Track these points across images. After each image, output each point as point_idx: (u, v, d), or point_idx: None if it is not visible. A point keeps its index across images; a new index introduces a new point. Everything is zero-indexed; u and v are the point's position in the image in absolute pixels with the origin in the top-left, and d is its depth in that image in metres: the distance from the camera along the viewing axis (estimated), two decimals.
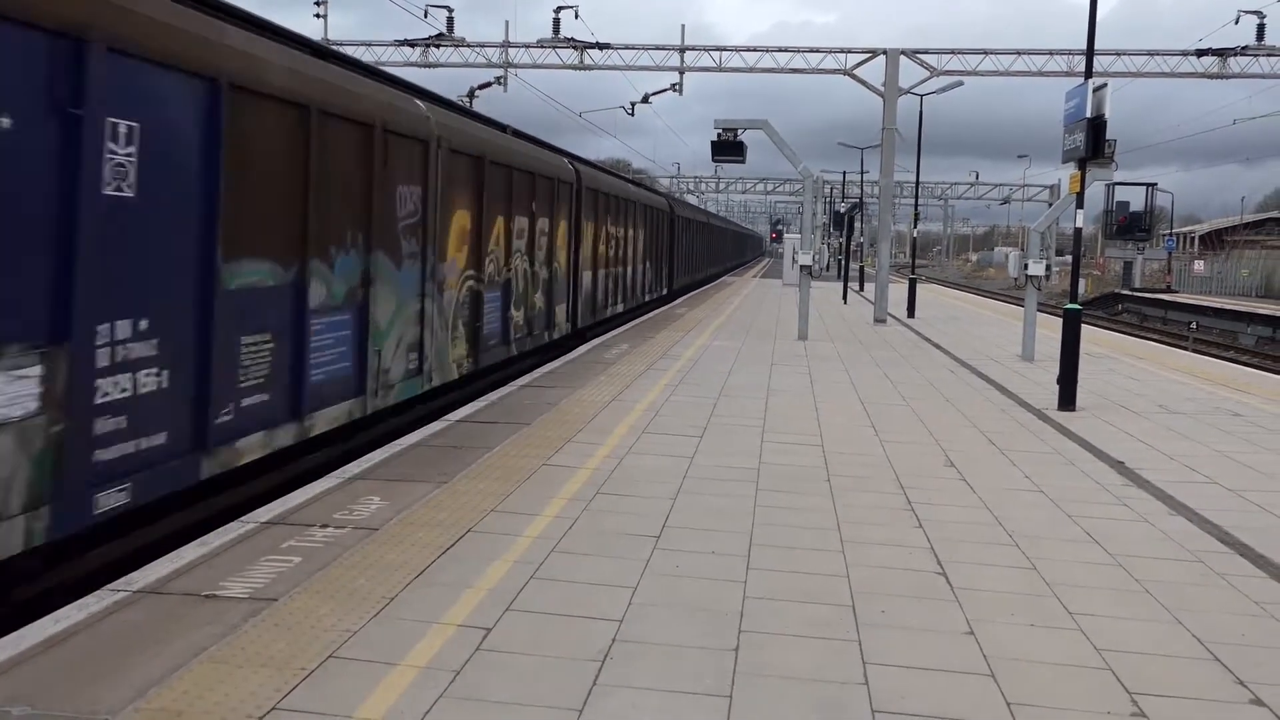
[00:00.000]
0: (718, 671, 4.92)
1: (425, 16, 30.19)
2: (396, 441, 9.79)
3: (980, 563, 6.76)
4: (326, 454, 9.35)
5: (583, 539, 6.92)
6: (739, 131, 22.03)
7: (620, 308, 24.95)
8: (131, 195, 6.31)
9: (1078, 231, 14.63)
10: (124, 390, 6.32)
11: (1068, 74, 30.53)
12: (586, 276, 20.44)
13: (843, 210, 51.88)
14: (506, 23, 33.03)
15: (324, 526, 6.90)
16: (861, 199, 55.00)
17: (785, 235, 59.87)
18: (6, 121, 5.35)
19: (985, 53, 31.20)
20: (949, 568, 6.62)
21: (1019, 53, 31.40)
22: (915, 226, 36.79)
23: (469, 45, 32.43)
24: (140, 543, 6.96)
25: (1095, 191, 55.20)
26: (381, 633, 5.19)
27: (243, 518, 7.06)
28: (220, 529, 6.81)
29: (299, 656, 4.85)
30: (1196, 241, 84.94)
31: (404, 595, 5.72)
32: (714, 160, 23.07)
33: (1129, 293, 58.16)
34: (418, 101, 11.39)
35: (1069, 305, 14.20)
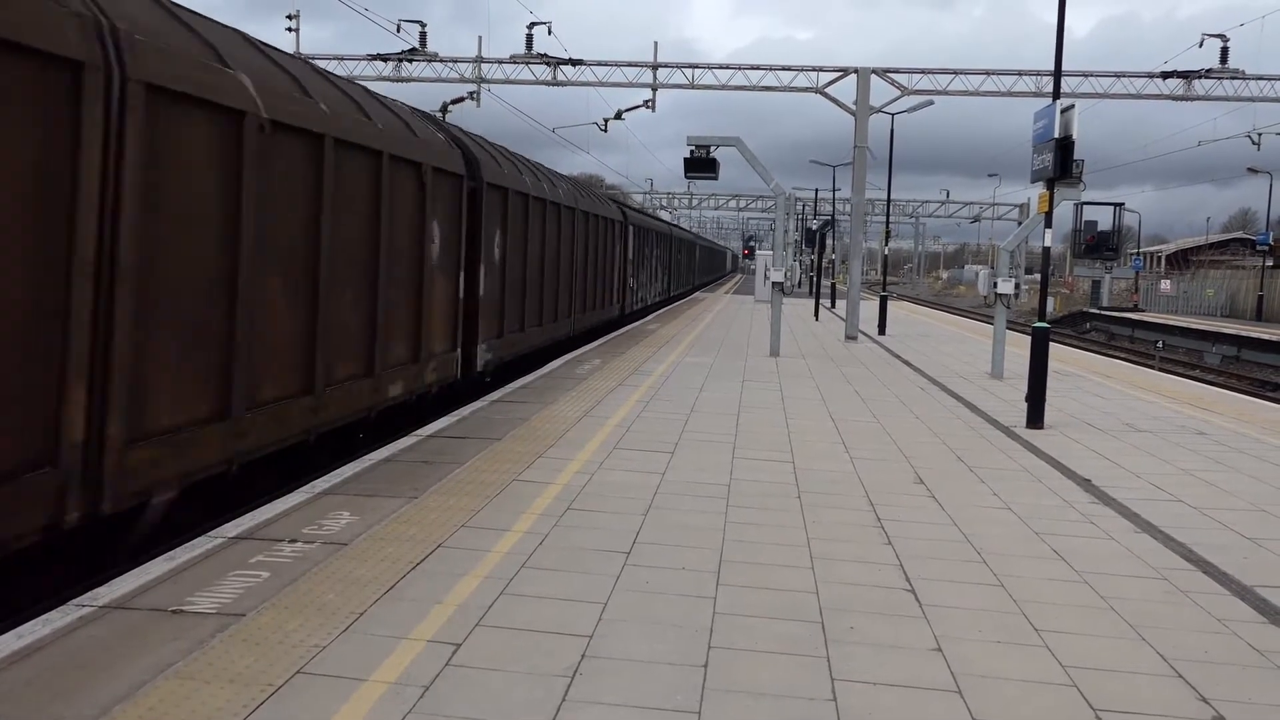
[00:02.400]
0: (687, 688, 4.93)
1: (398, 31, 30.23)
2: (367, 456, 9.75)
3: (948, 580, 6.81)
4: None
5: (553, 555, 6.91)
6: (712, 148, 22.13)
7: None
8: None
9: (1046, 250, 14.77)
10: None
11: (1036, 94, 30.88)
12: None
13: (815, 227, 52.12)
14: (480, 38, 33.10)
15: (293, 541, 6.87)
16: (833, 216, 55.35)
17: (757, 252, 60.03)
18: None
19: (955, 73, 31.52)
20: (917, 584, 6.66)
21: (988, 73, 31.74)
22: (886, 244, 36.95)
23: (442, 60, 32.46)
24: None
25: (1064, 210, 55.75)
26: (350, 648, 5.17)
27: (210, 532, 7.02)
28: (187, 544, 6.76)
29: (267, 672, 4.82)
30: (1163, 261, 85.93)
31: (373, 610, 5.70)
32: (686, 177, 23.14)
33: (1097, 311, 58.68)
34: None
35: (1037, 323, 14.32)
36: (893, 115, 31.46)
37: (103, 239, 6.28)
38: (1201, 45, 31.06)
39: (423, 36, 31.94)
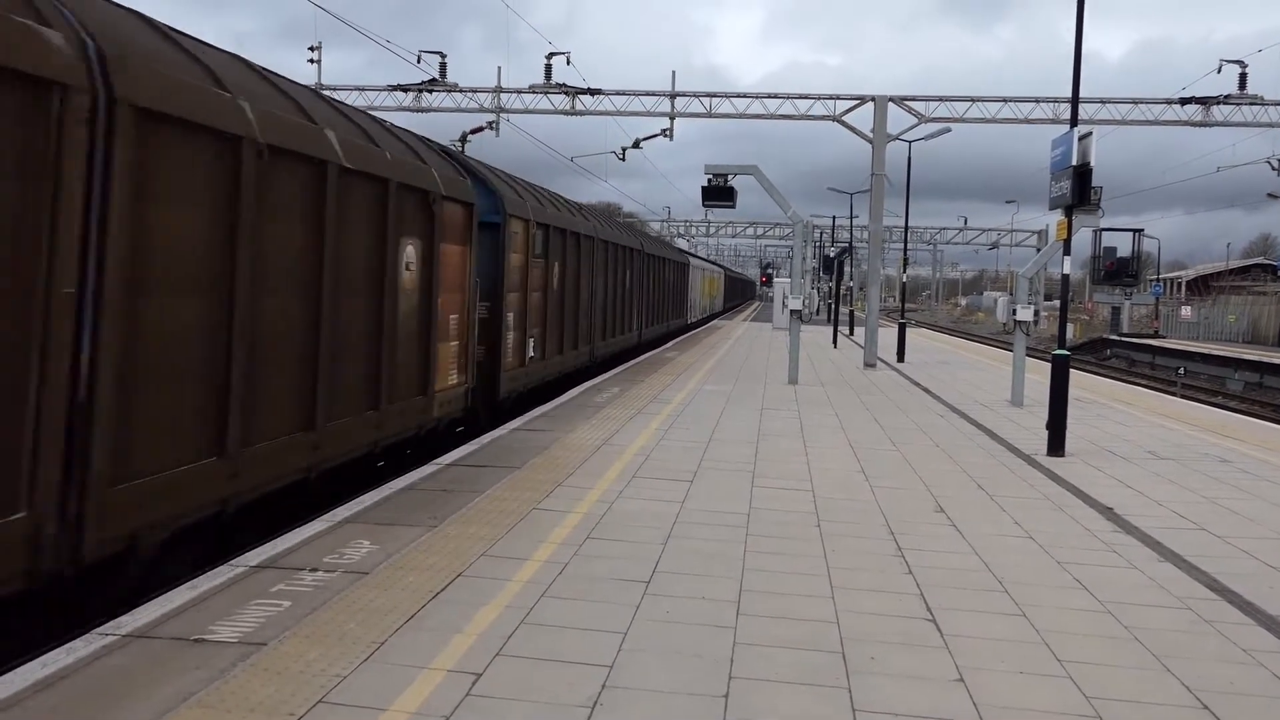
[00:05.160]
0: (708, 718, 4.91)
1: (419, 62, 30.49)
2: (387, 485, 9.78)
3: (970, 609, 6.77)
4: None
5: (573, 584, 6.91)
6: (729, 177, 22.20)
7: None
8: None
9: (1065, 277, 14.74)
10: None
11: (1054, 121, 30.89)
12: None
13: (832, 255, 52.13)
14: (499, 68, 33.39)
15: (314, 570, 6.89)
16: (851, 243, 55.32)
17: (775, 279, 60.07)
18: None
19: (973, 100, 31.55)
20: (939, 614, 6.62)
21: (1005, 100, 31.77)
22: (904, 271, 36.97)
23: (461, 90, 32.71)
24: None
25: (1082, 237, 55.64)
26: (371, 678, 5.17)
27: (232, 561, 7.05)
28: (210, 572, 6.80)
29: (288, 702, 4.83)
30: (1183, 287, 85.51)
31: (394, 640, 5.70)
32: (704, 205, 23.24)
33: (1117, 338, 58.42)
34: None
35: (1057, 350, 14.27)
36: (910, 143, 31.53)
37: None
38: (1220, 71, 31.03)
39: (443, 67, 32.22)
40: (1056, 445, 13.43)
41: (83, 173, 5.97)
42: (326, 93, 19.48)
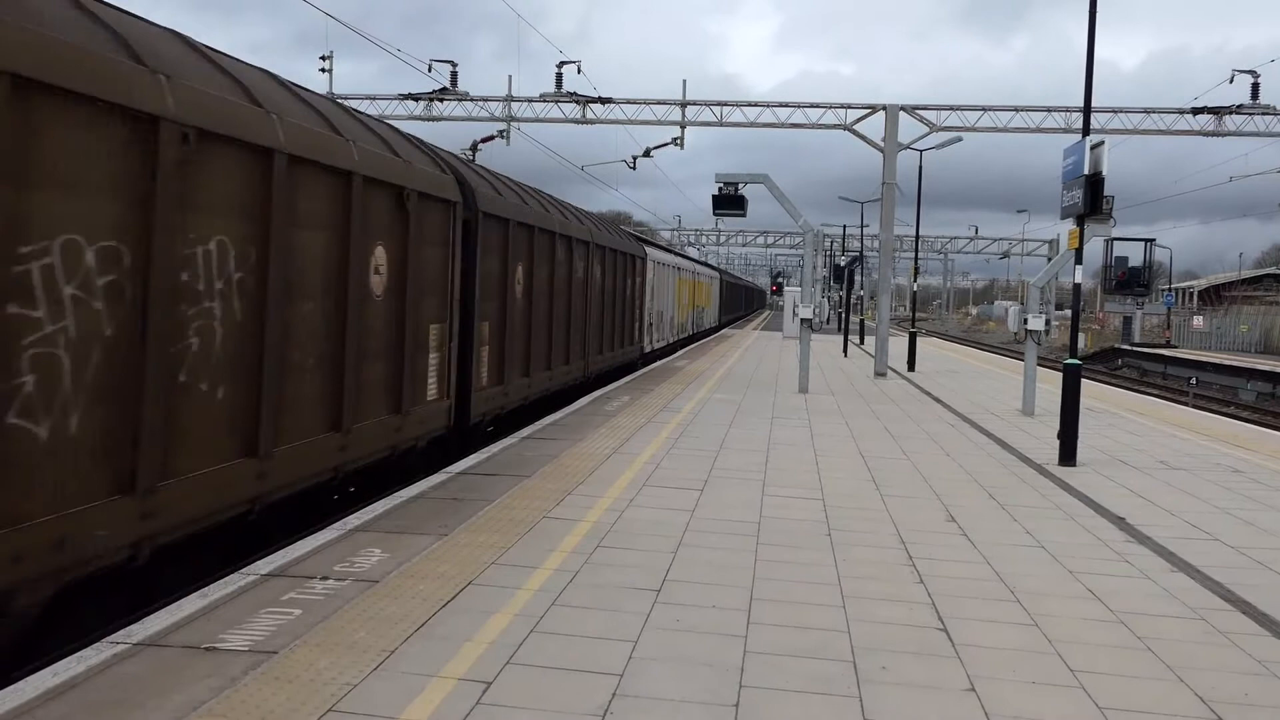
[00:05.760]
0: None
1: (430, 71, 30.56)
2: (397, 493, 9.79)
3: (981, 619, 6.74)
4: None
5: (583, 592, 6.90)
6: (740, 185, 22.21)
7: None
8: None
9: (1077, 287, 14.70)
10: None
11: (1065, 130, 30.80)
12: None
13: (843, 264, 52.12)
14: (510, 77, 33.41)
15: (324, 579, 6.89)
16: (862, 252, 55.26)
17: (785, 288, 60.08)
18: None
19: (984, 109, 31.50)
20: (950, 624, 6.60)
21: (1017, 109, 31.71)
22: (915, 280, 36.96)
23: (472, 99, 32.76)
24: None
25: (1094, 246, 55.49)
26: (382, 686, 5.17)
27: (243, 569, 7.06)
28: (221, 580, 6.80)
29: (299, 710, 4.83)
30: (1195, 297, 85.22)
31: (404, 648, 5.70)
32: (715, 214, 23.25)
33: (1129, 348, 58.23)
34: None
35: (1069, 360, 14.23)
36: (921, 152, 31.51)
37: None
38: (1232, 81, 30.93)
39: (453, 76, 32.28)
40: (1068, 455, 13.38)
41: None
42: (339, 101, 19.50)
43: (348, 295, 9.54)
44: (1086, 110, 14.44)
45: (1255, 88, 30.98)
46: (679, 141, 33.51)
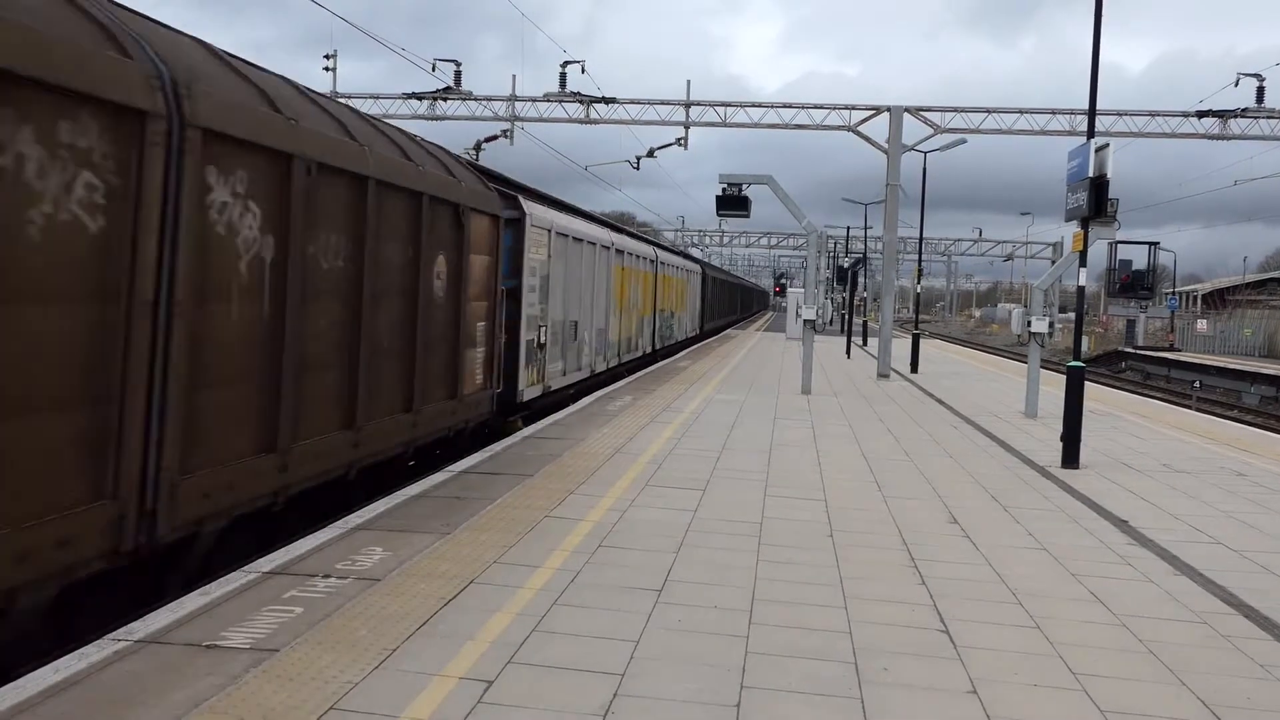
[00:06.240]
0: None
1: (434, 70, 30.57)
2: (399, 492, 9.79)
3: (984, 621, 6.74)
4: None
5: (585, 592, 6.90)
6: (744, 186, 22.20)
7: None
8: None
9: (1081, 289, 14.68)
10: None
11: (1070, 133, 30.77)
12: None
13: (846, 265, 52.10)
14: (514, 76, 33.42)
15: (326, 577, 6.89)
16: (865, 254, 55.28)
17: (789, 289, 60.07)
18: None
19: (988, 111, 31.48)
20: (952, 625, 6.59)
21: (1021, 111, 31.68)
22: (919, 282, 36.87)
23: (476, 99, 32.75)
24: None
25: (1098, 249, 55.47)
26: (383, 684, 5.17)
27: (245, 567, 7.06)
28: (222, 578, 6.81)
29: (300, 708, 4.83)
30: (1199, 300, 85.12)
31: (406, 646, 5.70)
32: (719, 214, 23.25)
33: (1132, 351, 58.18)
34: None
35: (1072, 362, 14.21)
36: (925, 153, 31.49)
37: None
38: (1238, 84, 30.88)
39: (457, 75, 32.27)
40: (1071, 457, 13.37)
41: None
42: (341, 100, 19.50)
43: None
44: (1091, 113, 14.43)
45: (1260, 91, 30.93)
46: (683, 142, 33.49)
